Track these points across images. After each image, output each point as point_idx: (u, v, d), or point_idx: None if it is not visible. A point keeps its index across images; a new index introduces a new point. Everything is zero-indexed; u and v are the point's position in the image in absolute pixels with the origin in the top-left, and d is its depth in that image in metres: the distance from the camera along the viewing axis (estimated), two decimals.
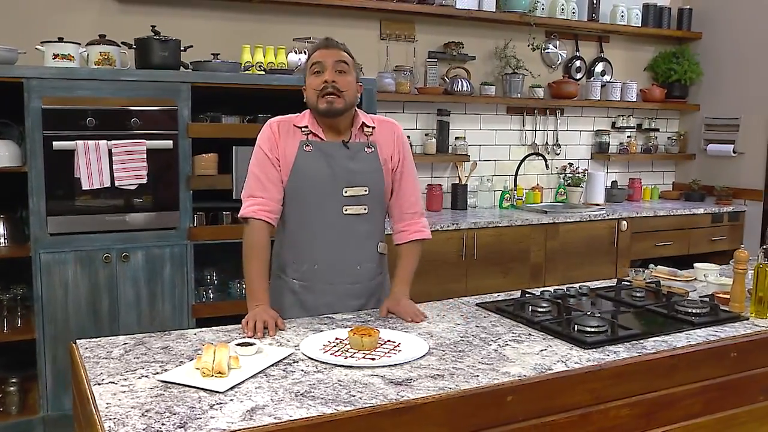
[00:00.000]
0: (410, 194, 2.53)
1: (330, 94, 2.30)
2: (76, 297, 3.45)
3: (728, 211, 5.48)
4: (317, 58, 2.34)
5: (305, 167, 2.36)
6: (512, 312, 2.35)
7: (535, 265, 4.70)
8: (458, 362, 1.90)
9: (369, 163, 2.41)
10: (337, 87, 2.30)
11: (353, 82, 2.37)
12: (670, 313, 2.37)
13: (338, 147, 2.39)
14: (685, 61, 5.77)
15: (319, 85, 2.31)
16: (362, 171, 2.40)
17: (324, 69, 2.32)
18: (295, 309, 2.44)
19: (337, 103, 2.31)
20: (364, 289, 2.47)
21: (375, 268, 2.49)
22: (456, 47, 4.95)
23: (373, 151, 2.42)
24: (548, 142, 5.50)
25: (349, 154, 2.39)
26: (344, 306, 2.43)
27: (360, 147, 2.41)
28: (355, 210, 2.40)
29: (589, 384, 1.89)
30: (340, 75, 2.32)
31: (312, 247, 2.40)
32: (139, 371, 1.78)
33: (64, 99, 3.34)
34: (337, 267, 2.41)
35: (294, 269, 2.44)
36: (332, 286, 2.42)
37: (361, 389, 1.69)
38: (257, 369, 1.78)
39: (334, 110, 2.32)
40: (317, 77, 2.33)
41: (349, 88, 2.34)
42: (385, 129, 2.49)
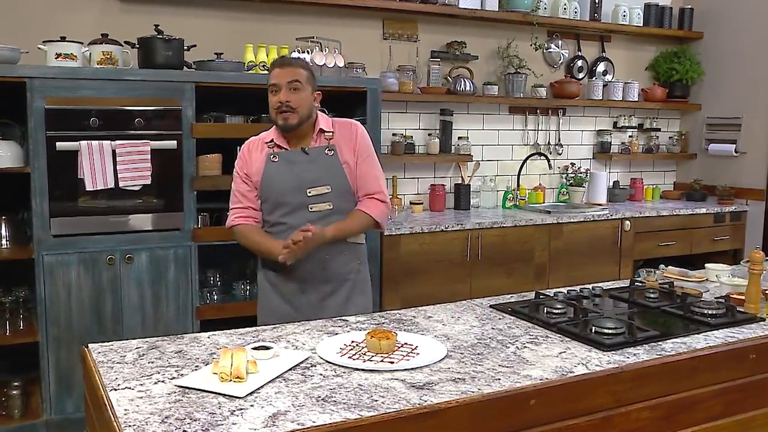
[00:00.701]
0: (366, 179, 2.72)
1: (284, 111, 2.58)
2: (80, 299, 3.41)
3: (730, 210, 5.47)
4: (273, 80, 2.61)
5: (272, 175, 2.65)
6: (527, 314, 2.33)
7: (539, 265, 4.68)
8: (478, 365, 1.87)
9: (329, 165, 2.66)
10: (290, 105, 2.58)
11: (307, 97, 2.62)
12: (686, 315, 2.35)
13: (299, 154, 2.66)
14: (687, 61, 5.76)
15: (276, 104, 2.60)
16: (323, 172, 2.65)
17: (279, 89, 2.58)
18: (272, 296, 2.74)
19: (291, 119, 2.59)
20: (334, 275, 2.70)
21: (345, 257, 2.71)
22: (459, 47, 4.92)
23: (333, 154, 2.67)
24: (550, 142, 5.48)
25: (309, 158, 2.66)
26: (315, 290, 2.69)
27: (320, 151, 2.67)
28: (320, 207, 2.64)
29: (610, 387, 1.87)
30: (294, 92, 2.58)
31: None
32: (155, 376, 1.74)
33: (67, 99, 3.30)
34: (307, 260, 2.61)
35: (271, 261, 2.65)
36: (303, 275, 2.66)
37: (383, 393, 1.66)
38: (275, 373, 1.75)
39: (290, 126, 2.61)
40: (274, 96, 2.60)
41: (302, 104, 2.60)
42: (345, 130, 2.73)
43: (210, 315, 3.73)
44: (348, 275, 2.74)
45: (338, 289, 2.73)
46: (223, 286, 4.03)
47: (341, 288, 2.73)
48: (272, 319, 2.65)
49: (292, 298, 2.71)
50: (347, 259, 2.73)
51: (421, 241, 4.23)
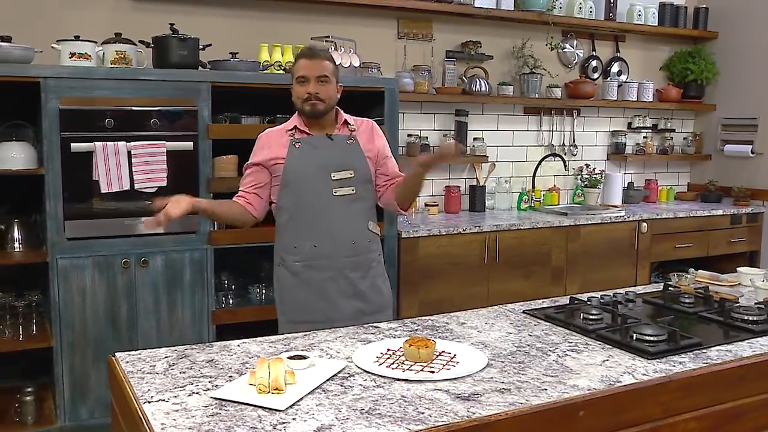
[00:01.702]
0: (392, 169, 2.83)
1: (313, 101, 2.64)
2: (94, 303, 3.35)
3: (747, 212, 5.40)
4: (301, 72, 2.65)
5: (297, 161, 2.67)
6: (563, 320, 2.26)
7: (557, 268, 4.61)
8: (521, 374, 1.80)
9: (352, 151, 2.73)
10: (319, 96, 2.64)
11: (333, 89, 2.69)
12: (726, 321, 2.28)
13: (323, 139, 2.71)
14: (702, 61, 5.69)
15: (304, 94, 2.64)
16: (347, 157, 2.70)
17: (307, 81, 2.63)
18: (297, 290, 2.72)
19: (319, 106, 2.65)
20: (360, 262, 2.73)
21: (368, 244, 2.76)
22: (474, 46, 4.86)
23: (354, 142, 2.74)
24: (564, 142, 5.42)
25: (333, 144, 2.72)
26: (344, 277, 2.70)
27: (342, 138, 2.74)
28: (344, 191, 2.69)
29: (658, 396, 1.80)
30: (322, 85, 2.64)
31: (310, 229, 2.68)
32: (189, 387, 1.67)
33: (82, 99, 3.23)
34: (334, 243, 2.68)
35: (295, 252, 2.70)
36: (331, 261, 2.68)
37: (428, 405, 1.59)
38: (313, 384, 1.68)
39: (317, 112, 2.66)
40: (302, 86, 2.65)
41: (330, 96, 2.67)
42: (364, 126, 2.81)
43: (226, 319, 3.66)
44: (372, 263, 2.79)
45: (366, 276, 2.76)
46: (238, 290, 3.96)
47: (367, 275, 2.77)
48: (300, 315, 2.71)
49: (321, 287, 2.70)
50: (370, 246, 2.78)
51: (439, 243, 4.16)
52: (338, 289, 2.70)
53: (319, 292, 2.70)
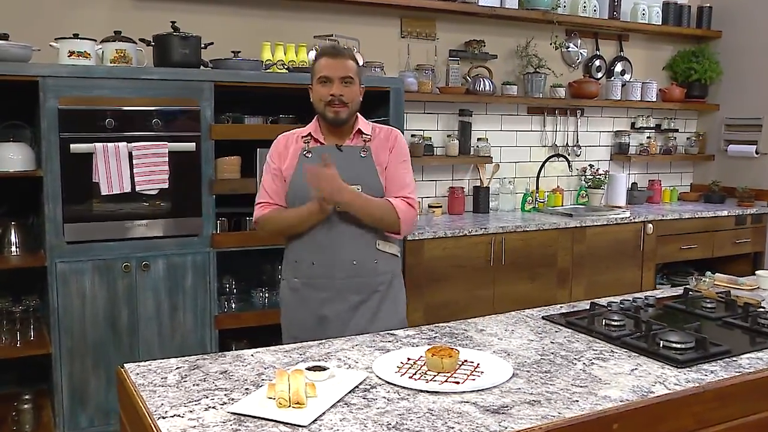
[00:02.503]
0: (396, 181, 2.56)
1: (336, 105, 2.47)
2: (94, 309, 3.26)
3: (751, 213, 5.35)
4: (324, 72, 2.48)
5: (302, 172, 2.48)
6: (585, 326, 2.19)
7: (562, 270, 4.54)
8: (549, 384, 1.73)
9: (362, 165, 2.53)
10: (343, 99, 2.47)
11: (357, 91, 2.53)
12: (753, 327, 2.21)
13: (332, 150, 2.53)
14: (705, 60, 5.64)
15: (326, 96, 2.47)
16: (355, 172, 2.50)
17: (330, 81, 2.47)
18: (297, 308, 2.58)
19: (343, 113, 2.49)
20: (364, 284, 2.53)
21: (374, 265, 2.55)
22: (477, 46, 4.79)
23: (367, 155, 2.55)
24: (568, 143, 5.35)
25: (342, 156, 2.52)
26: (342, 300, 2.52)
27: (354, 150, 2.55)
28: None
29: (692, 407, 1.73)
30: (346, 86, 2.48)
31: (309, 245, 2.52)
32: (204, 401, 1.59)
33: (81, 99, 3.14)
34: (333, 262, 2.50)
35: (295, 268, 2.57)
36: (329, 281, 2.51)
37: (458, 419, 1.51)
38: (335, 397, 1.60)
39: (340, 119, 2.50)
40: (324, 87, 2.48)
41: (354, 99, 2.51)
42: (383, 136, 2.60)
43: (228, 324, 3.59)
44: (378, 286, 2.56)
45: (367, 301, 2.54)
46: (240, 294, 3.87)
47: (370, 300, 2.55)
48: (298, 333, 2.53)
49: (318, 308, 2.53)
50: (378, 268, 2.55)
51: (444, 245, 4.09)
52: (336, 311, 2.51)
53: (316, 312, 2.53)
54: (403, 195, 2.54)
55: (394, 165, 2.57)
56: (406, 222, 2.52)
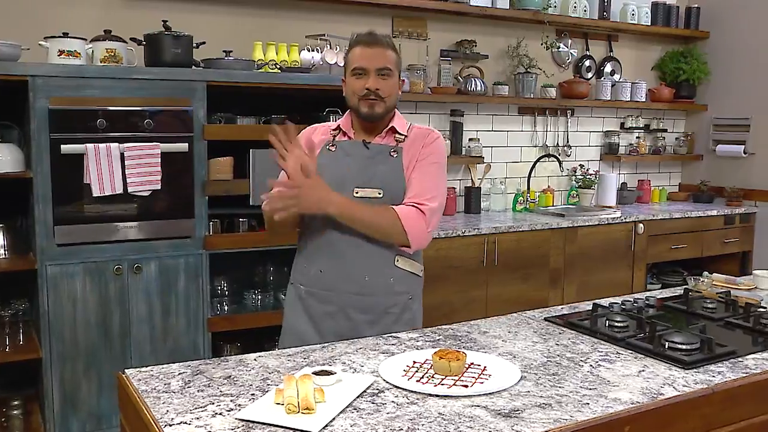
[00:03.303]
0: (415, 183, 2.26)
1: (372, 99, 2.23)
2: (85, 312, 3.20)
3: (740, 212, 5.38)
4: (359, 63, 2.23)
5: (322, 166, 2.23)
6: (589, 328, 2.17)
7: (554, 270, 4.54)
8: (558, 387, 1.71)
9: (389, 167, 2.26)
10: (380, 94, 2.22)
11: (395, 85, 2.29)
12: (756, 327, 2.21)
13: (358, 146, 2.29)
14: (694, 61, 5.67)
15: (361, 90, 2.23)
16: (379, 173, 2.25)
17: (366, 74, 2.23)
18: (297, 316, 2.35)
19: (378, 108, 2.24)
20: (374, 303, 2.26)
21: (390, 284, 2.27)
22: (469, 45, 4.78)
23: (397, 157, 2.27)
24: (558, 143, 5.35)
25: (368, 154, 2.28)
26: (347, 318, 2.26)
27: (383, 149, 2.28)
28: None
29: (701, 409, 1.72)
30: (383, 79, 2.23)
31: (318, 250, 2.28)
32: (210, 408, 1.56)
33: (72, 99, 3.09)
34: (341, 274, 2.25)
35: (302, 273, 2.34)
36: (335, 294, 2.26)
37: (470, 424, 1.49)
38: (344, 402, 1.57)
39: (376, 115, 2.25)
40: (359, 80, 2.24)
41: (392, 93, 2.26)
42: (420, 137, 2.33)
43: (222, 327, 3.54)
44: (391, 308, 2.28)
45: (375, 323, 2.26)
46: (233, 296, 3.84)
47: (379, 322, 2.26)
48: (292, 344, 2.19)
49: (319, 322, 2.29)
50: (394, 287, 2.28)
51: (438, 246, 4.07)
52: (337, 329, 2.24)
53: (316, 326, 2.29)
54: (415, 201, 2.23)
55: (420, 165, 2.27)
56: (414, 234, 2.21)
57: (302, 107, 3.87)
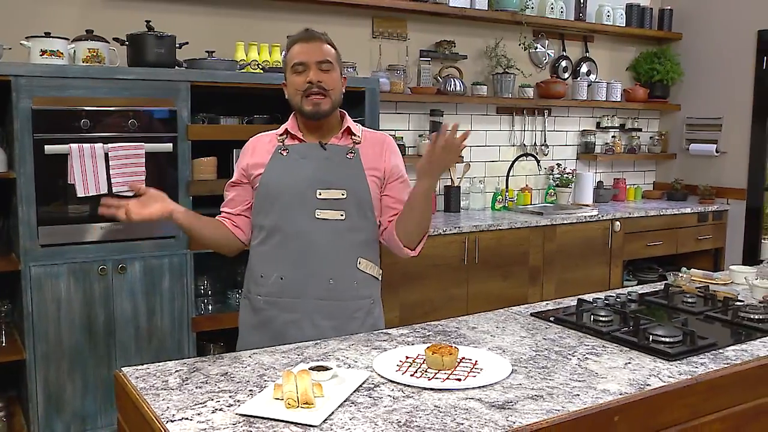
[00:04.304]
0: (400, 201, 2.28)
1: (315, 94, 2.16)
2: (70, 313, 3.19)
3: (713, 210, 5.50)
4: (297, 57, 2.18)
5: (277, 171, 2.22)
6: (575, 322, 2.23)
7: (534, 267, 4.61)
8: (549, 380, 1.76)
9: (350, 168, 2.23)
10: (323, 86, 2.17)
11: (338, 78, 2.23)
12: (735, 320, 2.28)
13: (314, 147, 2.24)
14: (667, 62, 5.77)
15: (303, 84, 2.17)
16: (340, 173, 2.22)
17: (306, 68, 2.17)
18: (255, 332, 2.27)
19: (324, 104, 2.18)
20: (339, 309, 2.22)
21: (354, 288, 2.24)
22: (448, 46, 4.83)
23: (354, 157, 2.24)
24: (536, 142, 5.43)
25: (326, 155, 2.23)
26: (313, 326, 2.20)
27: (340, 150, 2.25)
28: (329, 215, 2.19)
29: (686, 399, 1.78)
30: (325, 73, 2.18)
31: (279, 256, 2.20)
32: (210, 404, 1.58)
33: (55, 99, 3.08)
34: (306, 279, 2.20)
35: (260, 283, 2.25)
36: (299, 301, 2.20)
37: (466, 416, 1.53)
38: (342, 397, 1.60)
39: (321, 111, 2.19)
40: (299, 75, 2.18)
41: (335, 86, 2.21)
42: (375, 141, 2.31)
43: (206, 326, 3.55)
44: (356, 312, 2.25)
45: (340, 329, 2.20)
46: (216, 296, 3.84)
47: (344, 328, 2.21)
48: None
49: (280, 332, 2.20)
50: (358, 291, 2.25)
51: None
52: (301, 338, 2.13)
53: (278, 338, 2.15)
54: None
55: (394, 185, 2.29)
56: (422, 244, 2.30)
57: (284, 107, 3.86)
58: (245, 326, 2.33)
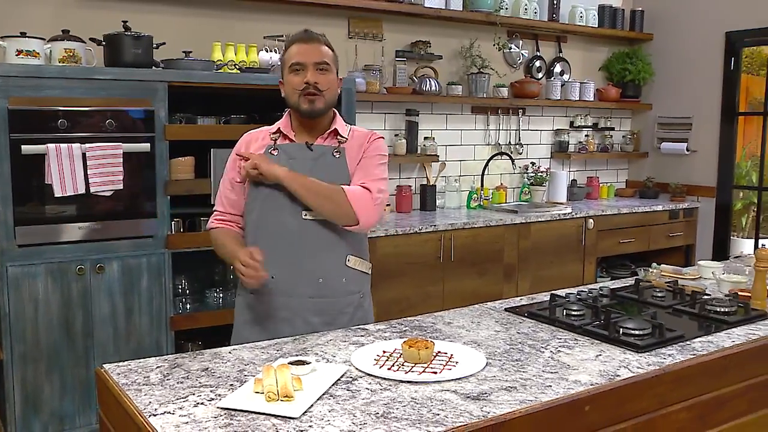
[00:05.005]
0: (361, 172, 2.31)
1: (311, 93, 2.23)
2: (48, 313, 3.20)
3: (683, 207, 5.61)
4: (296, 57, 2.25)
5: None
6: (548, 317, 2.28)
7: (509, 265, 4.68)
8: (522, 372, 1.81)
9: (334, 167, 2.29)
10: (319, 87, 2.23)
11: (334, 80, 2.30)
12: (701, 313, 2.35)
13: (301, 148, 2.31)
14: (639, 62, 5.87)
15: (300, 84, 2.24)
16: (326, 173, 2.27)
17: (304, 68, 2.24)
18: (247, 327, 2.33)
19: (318, 102, 2.25)
20: (329, 305, 2.29)
21: (343, 284, 2.31)
22: (423, 46, 4.88)
23: (340, 157, 2.31)
24: (511, 141, 5.50)
25: (312, 155, 2.30)
26: (304, 322, 2.26)
27: (326, 150, 2.31)
28: (315, 215, 2.25)
29: (654, 389, 1.84)
30: (322, 74, 2.25)
31: (269, 256, 2.20)
32: (191, 398, 1.61)
33: (32, 99, 3.08)
34: (295, 278, 2.26)
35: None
36: (290, 299, 2.27)
37: (441, 407, 1.58)
38: (321, 390, 1.64)
39: (316, 110, 2.26)
40: (297, 75, 2.25)
41: (331, 87, 2.28)
42: (361, 139, 2.36)
43: (185, 325, 3.57)
44: (345, 308, 2.32)
45: (331, 324, 2.28)
46: (195, 294, 3.86)
47: (334, 323, 2.29)
48: None
49: (273, 329, 2.26)
50: (347, 287, 2.33)
51: (396, 243, 4.16)
52: (293, 334, 2.15)
53: (271, 335, 2.21)
54: (361, 183, 2.28)
55: (364, 159, 2.33)
56: (361, 208, 2.23)
57: (261, 107, 3.92)
58: (239, 321, 2.39)
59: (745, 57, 5.65)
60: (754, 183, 5.95)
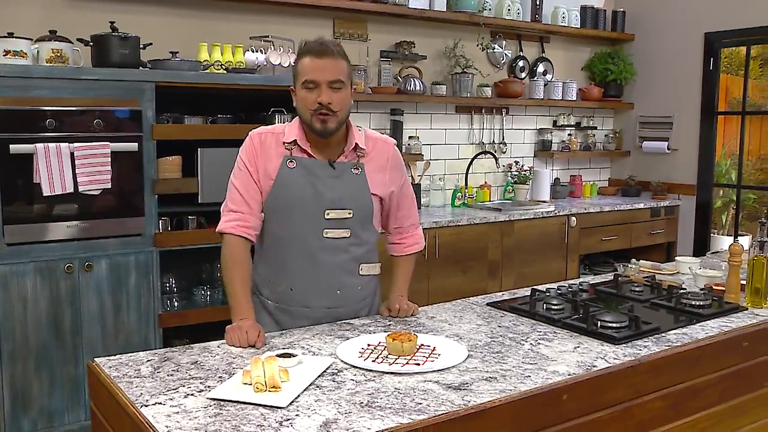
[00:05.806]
0: (407, 208, 2.47)
1: (324, 114, 2.14)
2: (36, 311, 3.23)
3: (665, 205, 5.70)
4: (310, 75, 2.13)
5: (288, 184, 2.22)
6: (528, 311, 2.35)
7: (492, 262, 4.74)
8: (502, 363, 1.87)
9: (356, 185, 2.26)
10: (332, 108, 2.14)
11: (348, 97, 2.20)
12: (677, 306, 2.42)
13: (323, 166, 2.23)
14: (620, 62, 5.96)
15: (313, 104, 2.13)
16: (347, 193, 2.24)
17: (317, 86, 2.13)
18: (272, 327, 2.30)
19: (331, 123, 2.15)
20: (346, 312, 2.33)
21: (358, 292, 2.35)
22: (408, 46, 4.94)
23: (360, 173, 2.26)
24: (494, 140, 5.57)
25: (334, 173, 2.24)
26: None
27: (347, 167, 2.25)
28: (336, 234, 2.23)
29: (630, 379, 1.91)
30: (336, 92, 2.14)
31: (288, 269, 2.25)
32: (182, 389, 1.66)
33: (20, 99, 3.11)
34: (315, 292, 2.27)
35: (270, 289, 2.32)
36: (309, 310, 2.28)
37: (424, 396, 1.64)
38: (307, 381, 1.70)
39: (329, 130, 2.17)
40: (310, 93, 2.14)
41: (344, 105, 2.18)
42: (379, 149, 2.33)
43: (173, 323, 3.61)
44: (360, 311, 2.37)
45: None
46: (182, 292, 3.90)
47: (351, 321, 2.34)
48: None
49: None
50: (361, 293, 2.37)
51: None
52: None
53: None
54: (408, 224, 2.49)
55: (399, 192, 2.38)
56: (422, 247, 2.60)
57: (247, 107, 3.96)
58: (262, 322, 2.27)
59: (724, 57, 5.76)
60: (734, 181, 6.04)
